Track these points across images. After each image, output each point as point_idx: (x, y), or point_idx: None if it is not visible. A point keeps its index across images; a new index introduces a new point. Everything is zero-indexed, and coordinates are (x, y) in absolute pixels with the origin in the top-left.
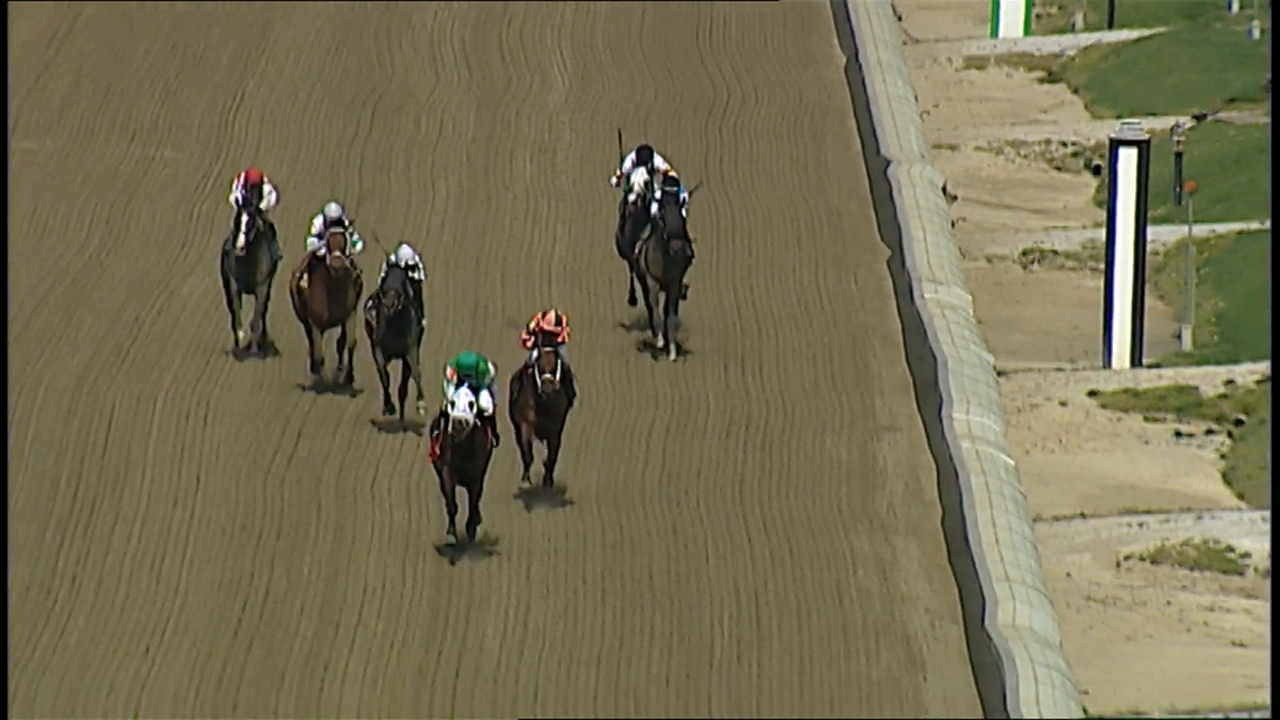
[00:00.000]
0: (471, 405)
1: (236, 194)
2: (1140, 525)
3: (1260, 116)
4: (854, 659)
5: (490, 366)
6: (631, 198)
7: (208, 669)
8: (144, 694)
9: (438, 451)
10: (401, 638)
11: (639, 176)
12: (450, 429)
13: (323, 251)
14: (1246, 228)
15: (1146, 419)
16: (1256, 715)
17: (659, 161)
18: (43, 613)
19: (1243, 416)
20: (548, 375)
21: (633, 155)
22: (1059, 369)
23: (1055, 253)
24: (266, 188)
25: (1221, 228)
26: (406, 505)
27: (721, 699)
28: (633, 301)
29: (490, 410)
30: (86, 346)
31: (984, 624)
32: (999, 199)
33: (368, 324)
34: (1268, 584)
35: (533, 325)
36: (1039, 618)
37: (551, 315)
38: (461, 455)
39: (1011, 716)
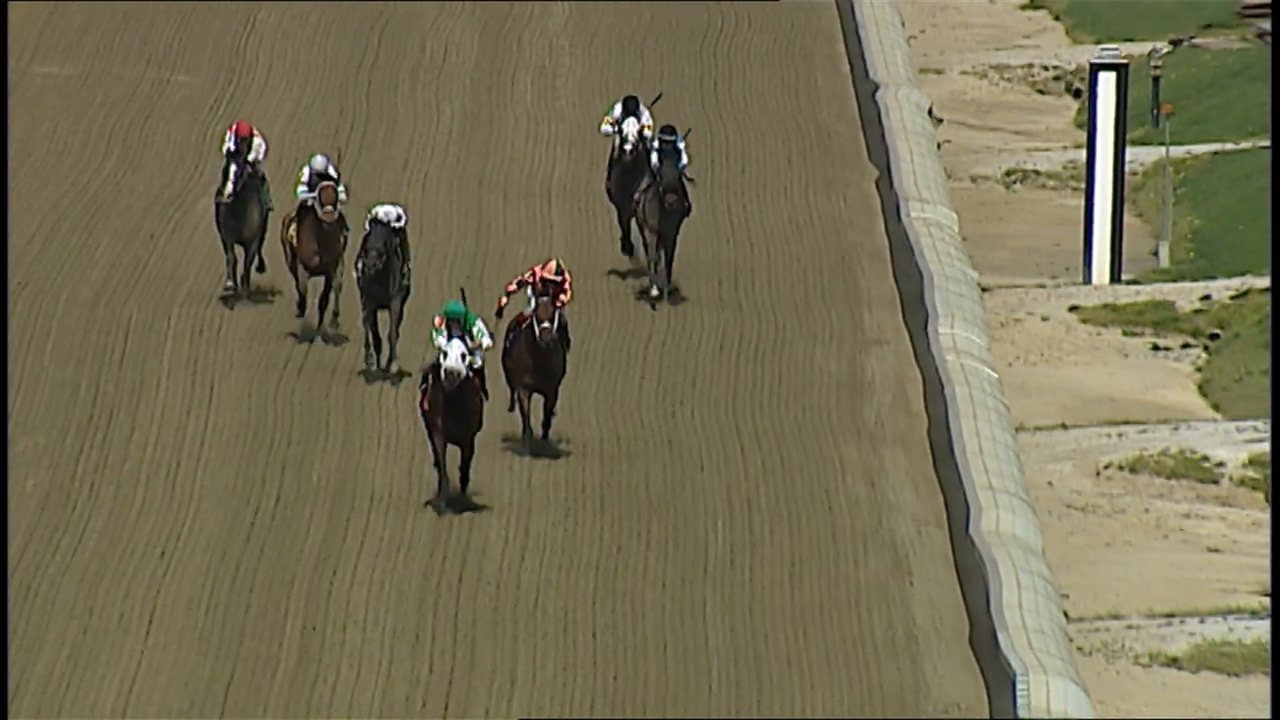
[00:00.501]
0: (464, 356)
1: (229, 145)
2: (1119, 435)
3: (1234, 42)
4: (843, 563)
5: (480, 321)
6: (628, 147)
7: (221, 571)
8: (159, 596)
9: (427, 405)
10: (408, 543)
11: (631, 126)
12: (443, 378)
13: (313, 202)
14: (1221, 149)
15: (1125, 333)
16: (1231, 619)
17: (644, 114)
18: (62, 518)
19: (1218, 330)
20: (545, 324)
21: (619, 106)
22: (1041, 285)
23: (1037, 173)
24: (256, 140)
25: (1197, 149)
26: (411, 417)
27: (715, 602)
28: (625, 250)
29: (482, 359)
30: (105, 262)
31: (968, 530)
32: (983, 121)
33: (355, 279)
34: (1242, 492)
35: (528, 276)
36: (1021, 524)
37: (553, 264)
38: (453, 411)
39: (995, 619)
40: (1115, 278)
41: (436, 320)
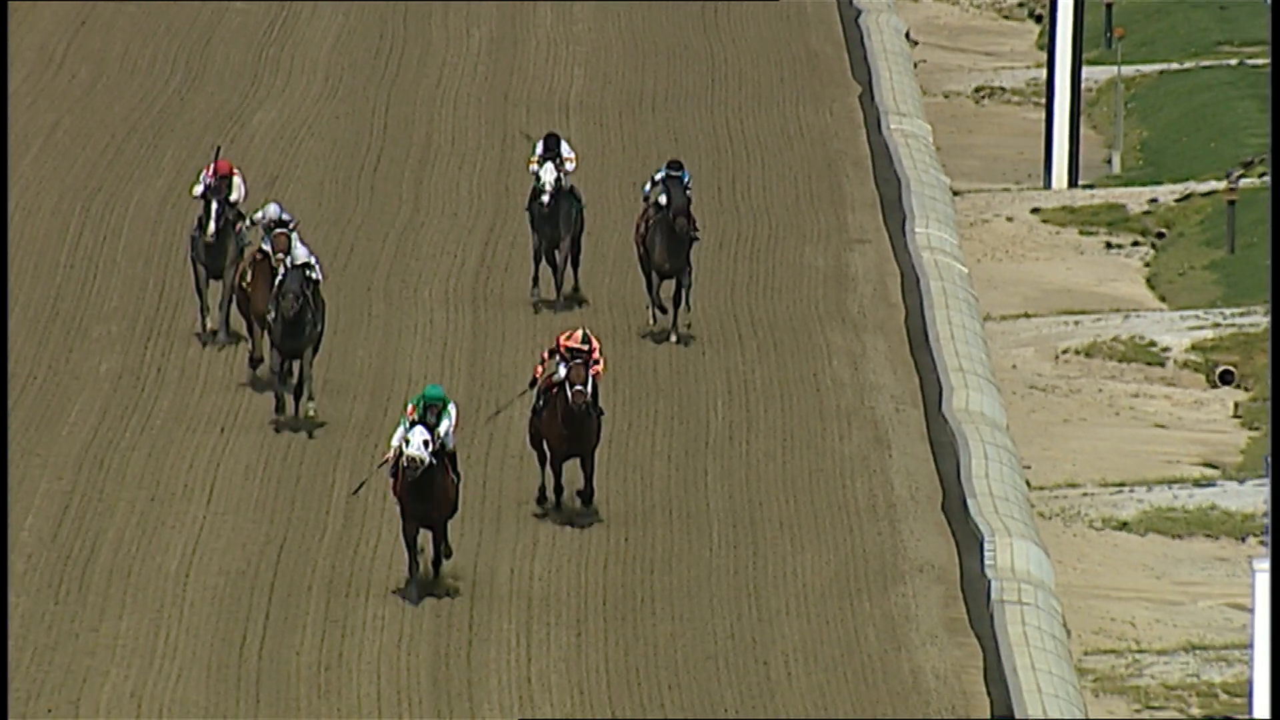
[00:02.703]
0: (427, 444)
1: (205, 182)
2: (1076, 324)
3: None
4: (829, 438)
5: (453, 408)
6: (544, 198)
7: (274, 446)
8: (219, 469)
9: (398, 488)
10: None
11: (548, 173)
12: (405, 465)
13: (268, 248)
14: (1168, 68)
15: (1081, 232)
16: (1175, 487)
17: (565, 150)
18: (132, 398)
19: (1164, 230)
20: (579, 387)
21: (540, 145)
22: (1006, 189)
23: (1003, 89)
24: (236, 180)
25: (1146, 68)
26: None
27: (715, 472)
28: (534, 284)
29: (451, 444)
30: (170, 170)
31: (941, 408)
32: (954, 43)
33: (267, 324)
34: (1185, 374)
35: (559, 345)
36: (988, 403)
37: (579, 334)
38: (420, 496)
39: (965, 488)
40: (1073, 183)
41: (408, 409)
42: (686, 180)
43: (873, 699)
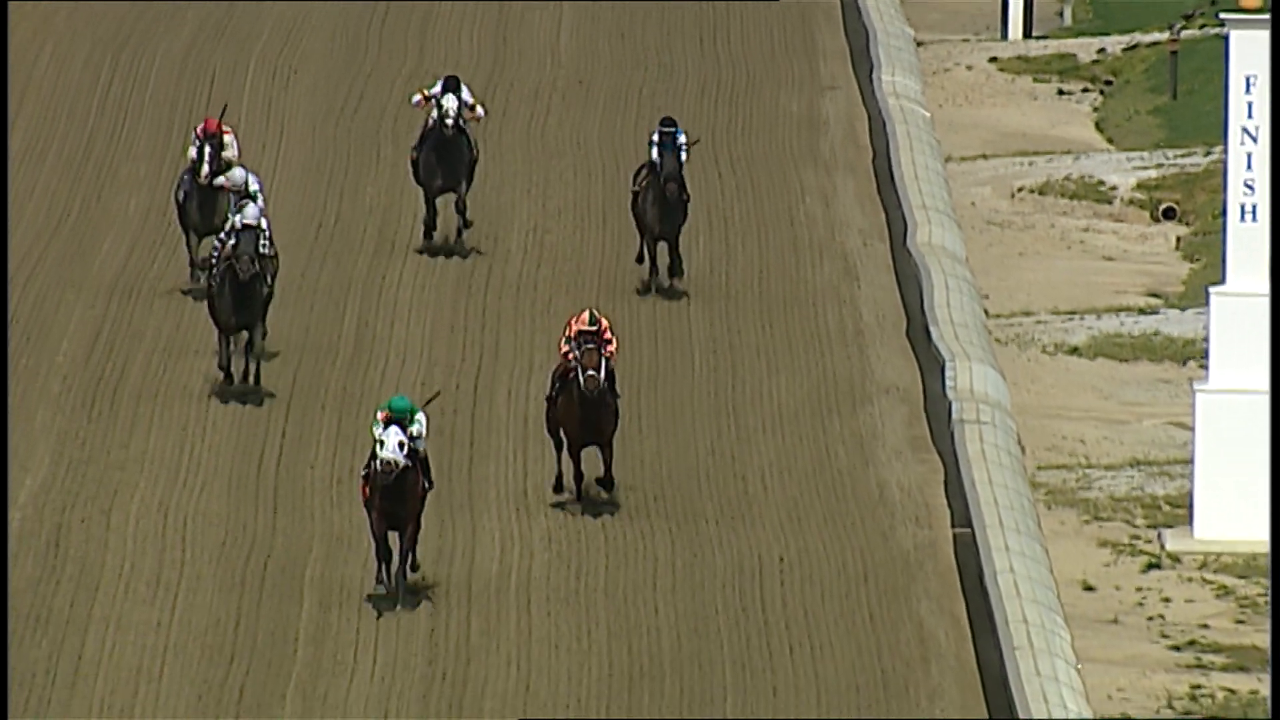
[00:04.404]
0: (402, 445)
1: (194, 144)
2: (1030, 164)
3: None
4: (802, 269)
5: (422, 416)
6: (448, 121)
7: (293, 266)
8: None
9: (368, 492)
10: (444, 256)
11: (450, 101)
12: (379, 469)
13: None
14: None
15: (1035, 80)
16: (1122, 315)
17: (465, 93)
18: (159, 231)
19: (1111, 78)
20: (591, 372)
21: (438, 83)
22: (965, 40)
23: None
24: (228, 138)
25: None
26: None
27: (697, 302)
28: (427, 236)
29: (423, 449)
30: (194, 22)
31: (905, 242)
32: None
33: (209, 295)
34: (1131, 210)
35: (570, 330)
36: (949, 238)
37: (586, 315)
38: (391, 498)
39: (927, 316)
40: (1027, 34)
41: (379, 415)
42: (680, 140)
43: (843, 510)
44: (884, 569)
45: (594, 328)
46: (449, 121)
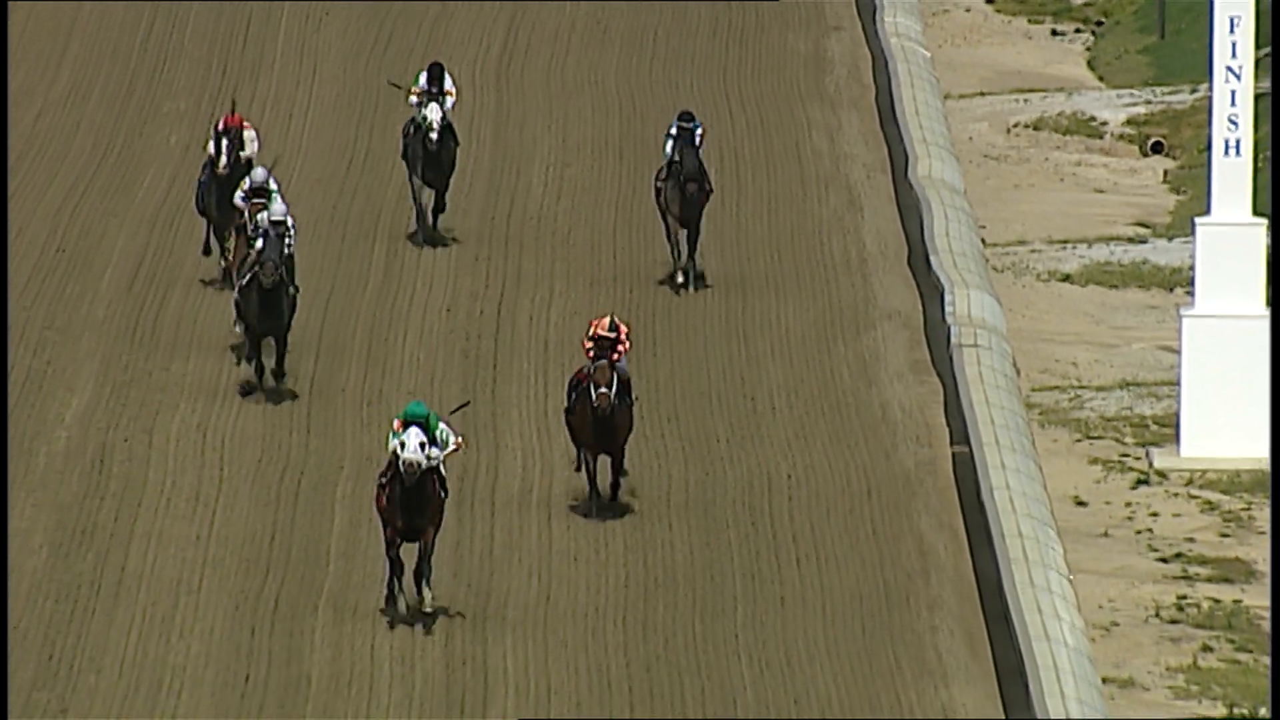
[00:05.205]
0: (423, 446)
1: (212, 140)
2: (1025, 101)
3: None
4: (809, 201)
5: (441, 422)
6: (433, 135)
7: (324, 200)
8: None
9: (384, 501)
10: (469, 190)
11: (434, 112)
12: (402, 470)
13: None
14: None
15: (1030, 20)
16: (1112, 244)
17: (448, 83)
18: (199, 166)
19: (1102, 19)
20: (603, 390)
21: (423, 77)
22: None
23: None
24: (248, 134)
25: None
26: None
27: (709, 231)
28: (418, 222)
29: (439, 456)
30: None
31: (907, 175)
32: None
33: (236, 303)
34: (1121, 145)
35: (593, 329)
36: (948, 171)
37: (606, 321)
38: (411, 505)
39: (928, 245)
40: None
41: (395, 424)
42: (698, 132)
43: (847, 430)
44: (886, 485)
45: (613, 334)
46: (433, 136)
